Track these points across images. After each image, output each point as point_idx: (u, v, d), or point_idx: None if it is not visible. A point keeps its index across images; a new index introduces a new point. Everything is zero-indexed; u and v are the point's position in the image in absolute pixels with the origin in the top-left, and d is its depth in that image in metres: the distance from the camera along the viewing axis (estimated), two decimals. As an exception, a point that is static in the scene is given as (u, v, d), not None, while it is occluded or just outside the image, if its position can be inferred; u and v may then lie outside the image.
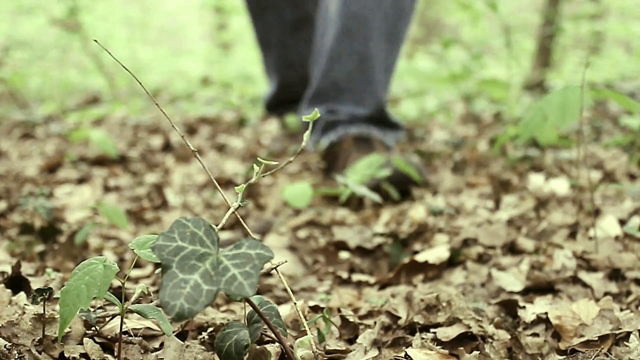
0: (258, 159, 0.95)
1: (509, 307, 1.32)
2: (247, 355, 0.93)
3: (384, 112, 2.63)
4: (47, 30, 7.01)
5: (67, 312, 0.88)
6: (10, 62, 6.13)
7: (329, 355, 1.04)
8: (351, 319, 1.22)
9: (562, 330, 1.20)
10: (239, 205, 0.98)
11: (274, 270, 1.02)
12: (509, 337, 1.19)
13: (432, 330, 1.18)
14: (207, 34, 11.01)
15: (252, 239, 0.80)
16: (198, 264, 0.77)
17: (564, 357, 1.13)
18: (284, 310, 1.32)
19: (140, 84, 1.02)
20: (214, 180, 0.97)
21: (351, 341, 1.19)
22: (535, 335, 1.22)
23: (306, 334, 0.95)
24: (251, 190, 2.38)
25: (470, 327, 1.17)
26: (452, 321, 1.20)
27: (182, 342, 1.02)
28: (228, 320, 1.17)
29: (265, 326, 0.92)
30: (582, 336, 1.18)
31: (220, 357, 0.91)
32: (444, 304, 1.22)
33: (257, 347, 0.99)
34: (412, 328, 1.22)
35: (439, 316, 1.21)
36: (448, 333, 1.16)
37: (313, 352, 0.98)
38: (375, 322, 1.24)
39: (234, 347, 0.90)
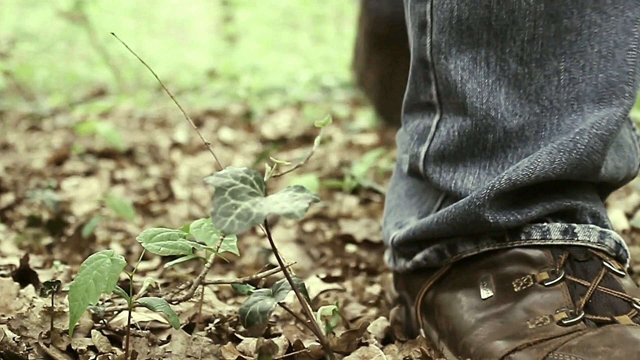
0: (271, 157, 0.95)
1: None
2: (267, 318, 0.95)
3: None
4: (54, 23, 7.02)
5: (77, 307, 0.88)
6: (16, 55, 6.14)
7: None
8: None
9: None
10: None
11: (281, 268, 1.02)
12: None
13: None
14: (214, 27, 11.01)
15: (298, 186, 0.83)
16: (248, 196, 0.79)
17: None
18: (291, 299, 1.32)
19: (153, 72, 1.03)
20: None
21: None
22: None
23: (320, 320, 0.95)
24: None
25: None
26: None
27: (190, 335, 1.02)
28: (235, 312, 1.17)
29: (289, 291, 0.94)
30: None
31: (244, 320, 0.92)
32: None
33: (265, 340, 1.00)
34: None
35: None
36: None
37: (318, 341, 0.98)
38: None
39: (258, 309, 0.92)
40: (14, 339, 0.97)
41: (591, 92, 1.00)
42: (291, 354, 1.00)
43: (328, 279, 1.47)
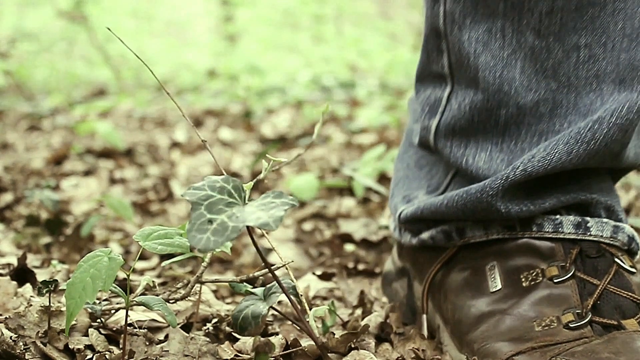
0: (267, 155, 0.95)
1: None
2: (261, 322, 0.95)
3: None
4: (54, 23, 7.02)
5: (74, 305, 0.88)
6: (16, 54, 6.14)
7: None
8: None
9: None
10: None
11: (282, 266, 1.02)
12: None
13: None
14: (214, 27, 11.01)
15: (277, 191, 0.83)
16: (225, 208, 0.80)
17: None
18: (286, 299, 1.32)
19: (152, 71, 1.02)
20: (224, 172, 0.97)
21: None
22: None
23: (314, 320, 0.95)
24: (257, 182, 2.38)
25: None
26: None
27: (187, 334, 1.02)
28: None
29: (281, 296, 0.94)
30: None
31: (237, 324, 0.92)
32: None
33: (262, 339, 1.00)
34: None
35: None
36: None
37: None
38: (382, 307, 1.25)
39: (250, 314, 0.92)
40: (11, 337, 0.97)
41: (612, 71, 0.95)
42: (288, 351, 1.00)
43: (324, 276, 1.47)
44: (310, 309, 0.96)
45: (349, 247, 1.75)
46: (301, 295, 0.97)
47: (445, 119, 1.04)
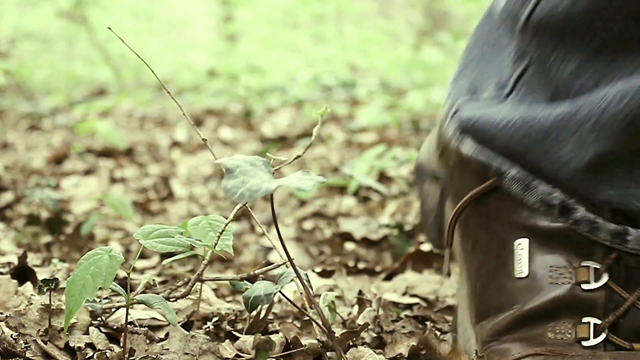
0: (267, 154, 0.95)
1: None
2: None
3: None
4: (54, 22, 7.02)
5: (73, 303, 0.88)
6: (16, 54, 6.14)
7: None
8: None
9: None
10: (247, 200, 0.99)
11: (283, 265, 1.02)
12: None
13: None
14: (214, 26, 11.01)
15: (305, 170, 0.84)
16: (258, 175, 0.81)
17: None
18: (289, 296, 1.32)
19: (151, 69, 1.03)
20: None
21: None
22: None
23: (308, 325, 0.95)
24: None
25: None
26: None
27: (188, 332, 1.02)
28: (233, 310, 1.17)
29: (291, 277, 0.95)
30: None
31: (248, 304, 0.92)
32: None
33: (262, 336, 1.00)
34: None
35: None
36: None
37: (317, 340, 0.98)
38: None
39: (263, 292, 0.93)
40: (11, 336, 0.97)
41: None
42: (289, 352, 1.00)
43: (324, 274, 1.47)
44: (311, 308, 0.96)
45: (349, 246, 1.75)
46: (301, 293, 0.97)
47: (542, 7, 0.85)
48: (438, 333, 1.11)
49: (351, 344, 1.02)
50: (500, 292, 0.92)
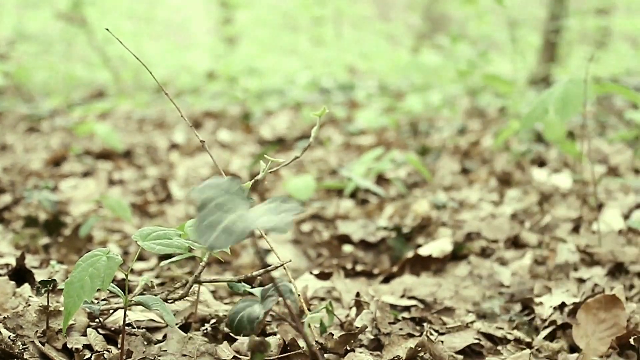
0: (265, 156, 0.95)
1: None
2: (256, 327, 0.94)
3: None
4: (53, 24, 7.02)
5: (71, 304, 0.88)
6: (15, 56, 6.14)
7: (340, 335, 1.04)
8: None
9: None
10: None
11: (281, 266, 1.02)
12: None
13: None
14: (213, 28, 11.01)
15: (284, 197, 0.82)
16: (233, 209, 0.78)
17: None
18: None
19: (150, 72, 1.03)
20: (223, 173, 0.97)
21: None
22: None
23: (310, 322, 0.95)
24: (256, 183, 2.38)
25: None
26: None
27: (185, 334, 1.02)
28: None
29: (276, 299, 0.93)
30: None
31: (232, 327, 0.91)
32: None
33: (258, 338, 1.00)
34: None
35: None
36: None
37: (316, 342, 0.98)
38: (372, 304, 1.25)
39: (246, 318, 0.91)
40: (9, 337, 0.97)
41: None
42: (287, 354, 1.00)
43: (322, 276, 1.47)
44: (309, 310, 0.96)
45: (347, 248, 1.75)
46: (299, 295, 0.97)
47: None
48: (435, 334, 1.11)
49: (349, 348, 1.03)
50: None
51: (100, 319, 1.08)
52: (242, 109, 4.44)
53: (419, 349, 1.03)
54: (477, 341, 1.15)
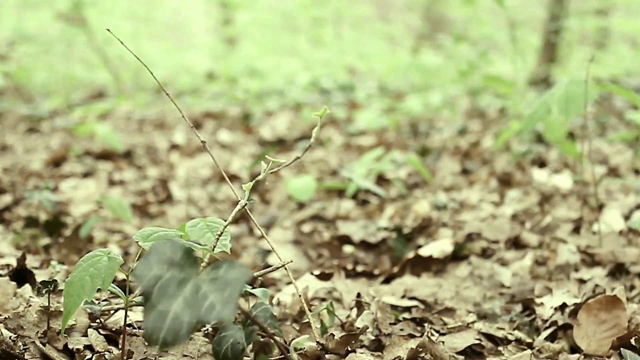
0: (266, 156, 0.95)
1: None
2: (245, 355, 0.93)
3: None
4: (53, 25, 7.02)
5: (71, 303, 0.88)
6: (15, 57, 6.14)
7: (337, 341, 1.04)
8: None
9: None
10: (246, 202, 0.99)
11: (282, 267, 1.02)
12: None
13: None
14: (212, 29, 11.01)
15: (230, 261, 0.79)
16: (177, 292, 0.75)
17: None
18: (288, 299, 1.32)
19: (151, 72, 1.03)
20: (224, 174, 0.97)
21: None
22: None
23: (306, 329, 0.95)
24: (256, 184, 2.38)
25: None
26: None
27: (186, 335, 1.02)
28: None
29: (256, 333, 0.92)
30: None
31: (219, 357, 0.90)
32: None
33: (262, 339, 1.00)
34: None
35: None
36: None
37: (317, 342, 0.98)
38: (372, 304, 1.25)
39: (230, 350, 0.90)
40: (10, 337, 0.97)
41: None
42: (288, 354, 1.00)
43: (322, 276, 1.47)
44: (310, 310, 0.96)
45: (348, 249, 1.75)
46: (300, 296, 0.97)
47: None
48: (436, 335, 1.11)
49: (350, 349, 1.02)
50: None
51: (101, 319, 1.08)
52: (242, 110, 4.44)
53: (420, 349, 1.03)
54: (478, 342, 1.15)
